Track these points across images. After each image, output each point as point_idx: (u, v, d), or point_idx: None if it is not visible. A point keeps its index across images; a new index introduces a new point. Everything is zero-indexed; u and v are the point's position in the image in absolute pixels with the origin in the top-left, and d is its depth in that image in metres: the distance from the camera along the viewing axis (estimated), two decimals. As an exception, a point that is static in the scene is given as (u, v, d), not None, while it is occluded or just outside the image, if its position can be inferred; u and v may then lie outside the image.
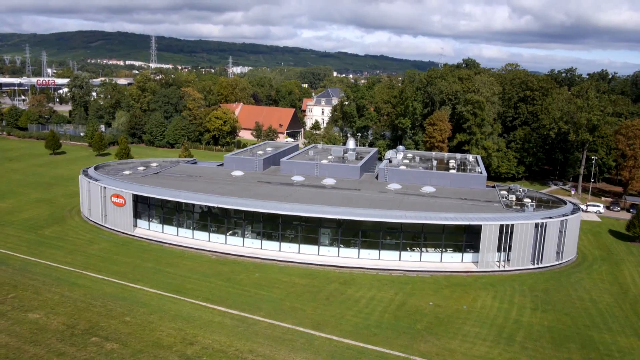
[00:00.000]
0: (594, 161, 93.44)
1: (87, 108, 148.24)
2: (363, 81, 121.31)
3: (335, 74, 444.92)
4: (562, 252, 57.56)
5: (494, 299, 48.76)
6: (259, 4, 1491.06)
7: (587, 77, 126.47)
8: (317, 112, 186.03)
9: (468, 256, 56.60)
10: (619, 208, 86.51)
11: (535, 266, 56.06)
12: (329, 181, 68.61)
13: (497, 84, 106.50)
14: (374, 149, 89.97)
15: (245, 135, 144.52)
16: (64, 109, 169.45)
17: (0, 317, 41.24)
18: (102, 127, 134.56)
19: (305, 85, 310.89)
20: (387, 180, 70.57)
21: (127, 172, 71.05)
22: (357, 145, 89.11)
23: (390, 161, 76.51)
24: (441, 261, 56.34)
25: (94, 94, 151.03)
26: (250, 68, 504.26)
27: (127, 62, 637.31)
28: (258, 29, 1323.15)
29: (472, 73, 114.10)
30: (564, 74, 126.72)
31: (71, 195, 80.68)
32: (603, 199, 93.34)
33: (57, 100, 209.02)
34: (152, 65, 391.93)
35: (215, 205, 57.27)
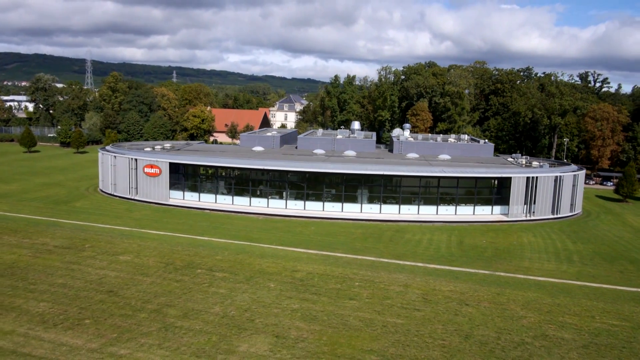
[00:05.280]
0: (566, 145, 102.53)
1: (49, 110, 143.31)
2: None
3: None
4: (574, 204, 63.82)
5: (535, 237, 53.74)
6: (186, 27, 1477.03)
7: (542, 74, 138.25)
8: (280, 117, 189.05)
9: (497, 209, 61.55)
10: (593, 182, 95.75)
11: (555, 216, 61.81)
12: (350, 152, 71.90)
13: (471, 77, 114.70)
14: (373, 132, 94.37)
15: (219, 137, 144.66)
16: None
17: (92, 259, 41.02)
18: (72, 128, 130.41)
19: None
20: (402, 152, 74.83)
21: (148, 149, 70.91)
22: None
23: (398, 138, 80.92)
24: (474, 214, 60.89)
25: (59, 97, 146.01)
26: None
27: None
28: (184, 53, 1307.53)
29: (444, 69, 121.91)
30: (522, 73, 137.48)
31: (77, 179, 79.02)
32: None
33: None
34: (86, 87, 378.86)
35: (265, 167, 58.98)
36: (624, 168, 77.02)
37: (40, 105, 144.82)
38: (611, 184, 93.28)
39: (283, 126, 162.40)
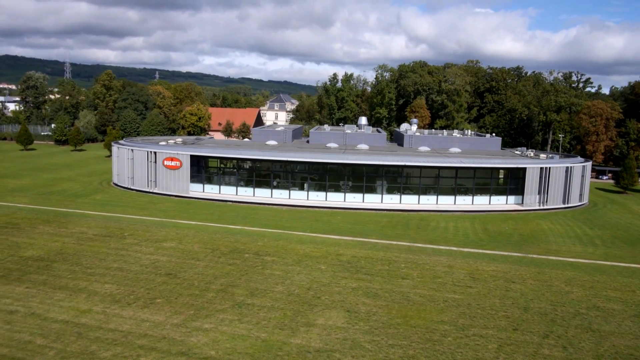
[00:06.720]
0: (561, 139, 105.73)
1: (40, 108, 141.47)
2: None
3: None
4: (583, 193, 66.27)
5: (553, 224, 55.81)
6: (162, 29, 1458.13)
7: (532, 73, 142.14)
8: (271, 117, 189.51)
9: (511, 198, 63.55)
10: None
11: (565, 205, 64.13)
12: (363, 146, 73.23)
13: (467, 75, 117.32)
14: (378, 128, 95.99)
15: (214, 135, 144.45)
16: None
17: (137, 246, 41.40)
18: (67, 126, 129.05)
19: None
20: (412, 146, 76.49)
21: (162, 143, 71.03)
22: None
23: (407, 132, 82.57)
24: (490, 203, 62.77)
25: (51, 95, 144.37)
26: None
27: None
28: (159, 55, 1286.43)
29: (440, 68, 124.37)
30: (512, 72, 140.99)
31: (86, 175, 78.65)
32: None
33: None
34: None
35: (289, 159, 59.85)
36: (625, 160, 80.00)
37: (32, 105, 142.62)
38: (606, 177, 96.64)
39: (274, 124, 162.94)
